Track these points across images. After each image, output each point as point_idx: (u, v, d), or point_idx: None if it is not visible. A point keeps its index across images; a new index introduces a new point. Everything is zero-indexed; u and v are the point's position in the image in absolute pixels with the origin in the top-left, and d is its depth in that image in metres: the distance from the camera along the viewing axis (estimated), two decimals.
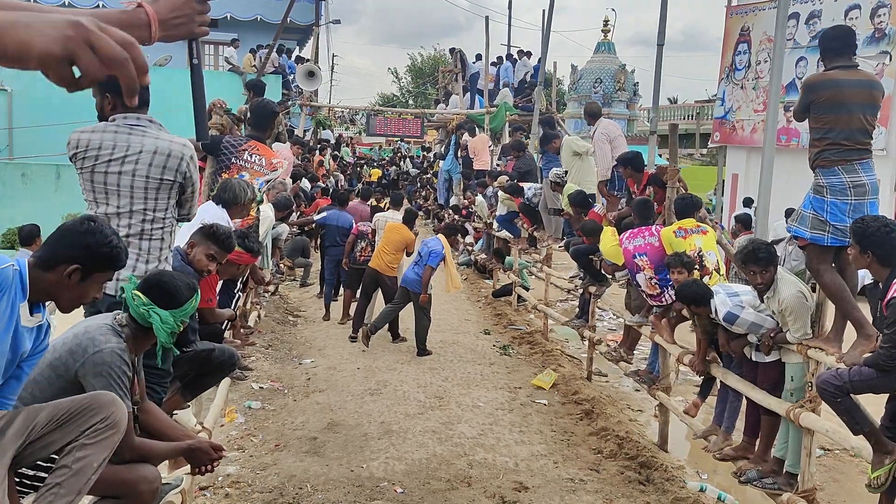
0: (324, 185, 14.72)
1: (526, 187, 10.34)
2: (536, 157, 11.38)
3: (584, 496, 4.79)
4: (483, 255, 13.24)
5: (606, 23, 30.37)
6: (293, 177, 10.95)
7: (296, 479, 4.80)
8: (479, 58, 18.92)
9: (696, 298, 4.85)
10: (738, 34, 17.59)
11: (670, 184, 5.96)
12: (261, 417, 6.05)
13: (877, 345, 3.74)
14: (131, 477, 2.68)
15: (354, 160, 28.40)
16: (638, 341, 7.02)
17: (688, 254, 5.33)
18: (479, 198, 13.14)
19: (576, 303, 9.52)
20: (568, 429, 6.07)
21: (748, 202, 14.14)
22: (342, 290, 9.70)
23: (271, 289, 9.84)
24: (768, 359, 4.58)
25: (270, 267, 8.09)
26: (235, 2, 21.96)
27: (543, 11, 16.19)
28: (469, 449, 5.47)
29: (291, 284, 12.13)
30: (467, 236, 15.08)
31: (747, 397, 4.76)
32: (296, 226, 10.94)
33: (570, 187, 8.49)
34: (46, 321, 2.40)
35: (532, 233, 10.40)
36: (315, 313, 10.19)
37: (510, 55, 21.01)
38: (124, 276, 2.98)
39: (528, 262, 10.92)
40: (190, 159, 3.29)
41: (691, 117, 32.58)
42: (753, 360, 4.70)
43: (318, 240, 11.81)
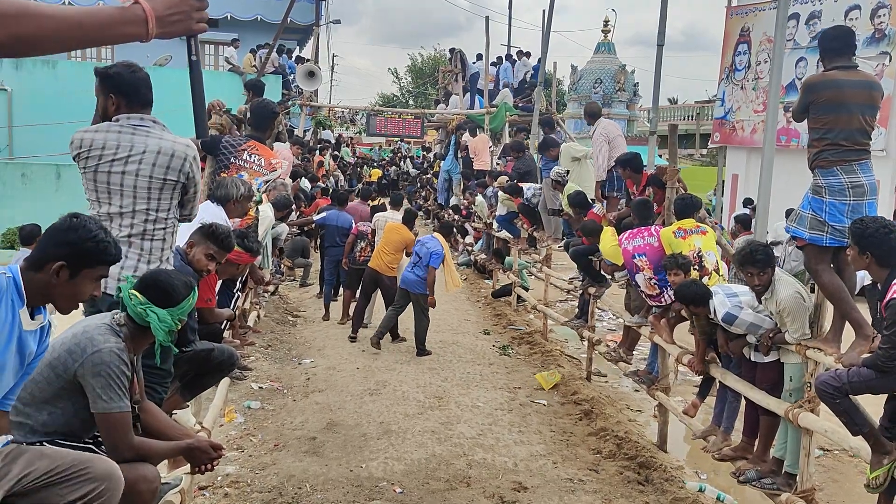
0: (324, 185, 14.72)
1: (525, 188, 10.34)
2: (536, 158, 11.38)
3: (583, 496, 4.79)
4: (483, 256, 13.24)
5: (606, 23, 30.39)
6: (292, 176, 10.96)
7: (295, 479, 4.80)
8: (479, 58, 18.91)
9: (695, 299, 4.85)
10: (738, 34, 17.59)
11: (670, 184, 5.96)
12: (260, 417, 6.05)
13: (875, 345, 3.75)
14: (130, 476, 2.68)
15: (354, 160, 28.42)
16: (637, 342, 7.02)
17: (684, 255, 5.33)
18: (478, 198, 13.13)
19: (575, 303, 9.52)
20: (567, 429, 6.08)
21: (748, 203, 14.14)
22: (342, 291, 9.71)
23: (271, 289, 9.85)
24: (767, 359, 4.58)
25: (270, 267, 8.09)
26: (235, 2, 21.97)
27: (543, 11, 16.21)
28: (468, 449, 5.47)
29: (291, 284, 12.14)
30: (467, 236, 15.09)
31: (746, 397, 4.77)
32: (295, 226, 10.95)
33: (571, 187, 8.49)
34: (48, 321, 2.40)
35: (532, 233, 10.40)
36: (314, 313, 10.20)
37: (509, 55, 21.01)
38: (123, 276, 2.98)
39: (527, 262, 10.93)
40: (193, 160, 3.30)
41: (691, 118, 32.58)
42: (752, 361, 4.70)
43: (318, 240, 11.82)
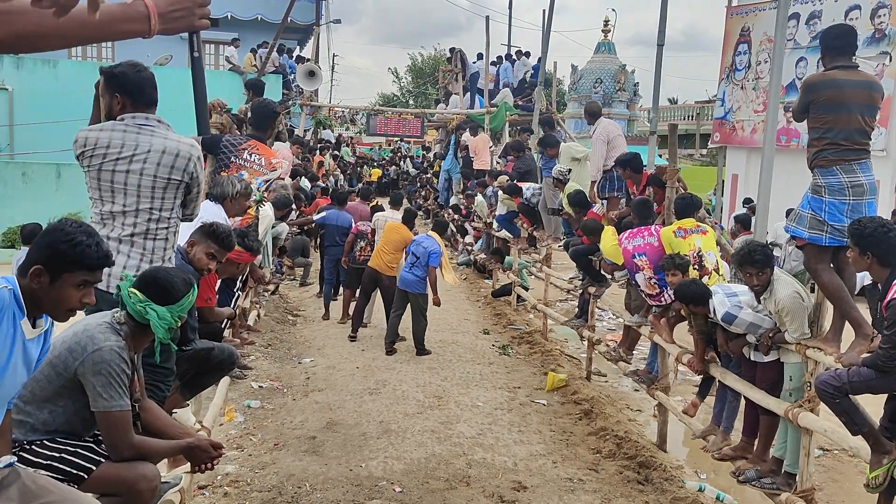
0: (323, 185, 14.72)
1: (525, 187, 10.34)
2: (536, 157, 11.38)
3: (582, 496, 4.79)
4: (483, 255, 13.24)
5: (607, 23, 30.41)
6: (292, 175, 10.96)
7: (294, 478, 4.81)
8: (479, 57, 18.91)
9: (694, 298, 4.86)
10: (738, 34, 17.60)
11: (670, 184, 5.97)
12: (260, 416, 6.05)
13: (875, 345, 3.75)
14: (130, 475, 2.69)
15: (355, 160, 28.42)
16: (637, 341, 7.03)
17: (682, 255, 5.33)
18: (478, 197, 13.13)
19: (575, 303, 9.53)
20: (567, 428, 6.08)
21: (747, 203, 14.13)
22: (342, 290, 9.71)
23: (271, 288, 9.85)
24: (767, 359, 4.59)
25: (270, 266, 8.10)
26: (236, 1, 21.98)
27: (543, 11, 16.22)
28: (468, 448, 5.47)
29: (291, 284, 12.14)
30: (467, 236, 15.09)
31: (746, 397, 4.77)
32: (295, 225, 10.95)
33: (571, 186, 8.49)
34: (49, 322, 2.38)
35: (532, 233, 10.40)
36: (314, 313, 10.20)
37: (509, 55, 21.01)
38: (125, 275, 2.98)
39: (527, 261, 10.93)
40: (197, 160, 3.30)
41: (691, 118, 32.58)
42: (752, 360, 4.71)
43: (318, 239, 11.82)
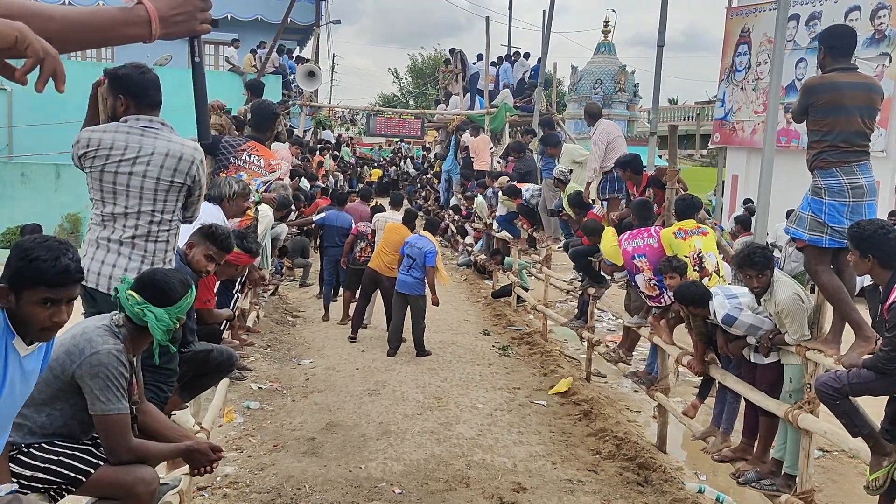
0: (323, 185, 14.71)
1: (524, 189, 10.33)
2: (537, 158, 11.37)
3: (582, 497, 4.79)
4: (483, 256, 13.23)
5: (607, 24, 30.44)
6: (291, 175, 10.95)
7: (294, 480, 4.80)
8: (479, 58, 18.91)
9: (694, 300, 4.85)
10: (738, 35, 17.60)
11: (669, 185, 5.96)
12: (259, 418, 6.05)
13: (875, 346, 3.74)
14: (129, 478, 2.68)
15: (355, 160, 28.40)
16: (637, 342, 7.02)
17: (679, 257, 5.33)
18: (478, 198, 13.13)
19: (575, 304, 9.52)
20: (566, 429, 6.07)
21: (747, 203, 14.12)
22: (342, 291, 9.70)
23: (270, 289, 9.84)
24: (767, 360, 4.58)
25: (269, 267, 8.09)
26: (236, 2, 21.95)
27: (543, 12, 16.22)
28: (467, 449, 5.47)
29: (290, 285, 12.14)
30: (467, 237, 15.09)
31: (746, 398, 4.76)
32: (295, 226, 10.94)
33: (572, 187, 8.48)
34: None
35: (531, 234, 10.40)
36: (314, 314, 10.19)
37: (509, 55, 21.00)
38: (122, 277, 2.98)
39: (527, 262, 10.92)
40: (200, 163, 3.30)
41: (691, 118, 32.57)
42: (752, 362, 4.70)
43: (318, 240, 11.81)
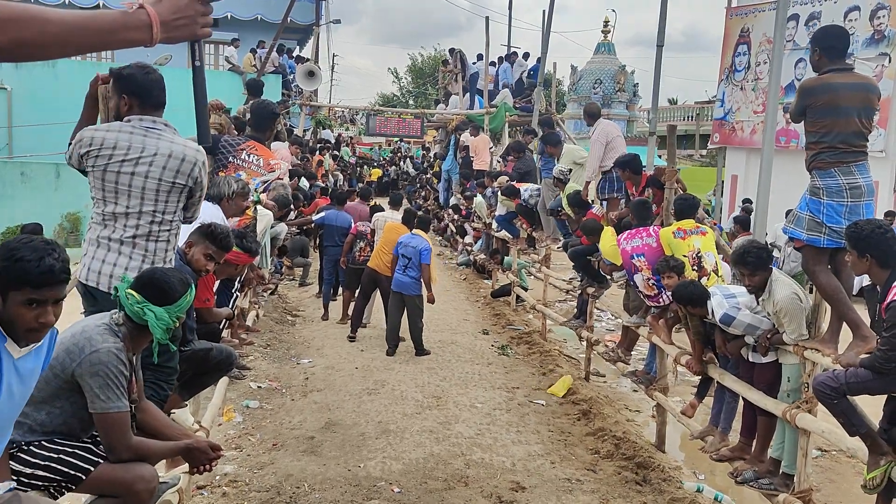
0: (323, 185, 14.72)
1: (522, 189, 10.32)
2: (536, 158, 11.37)
3: (580, 496, 4.80)
4: (482, 256, 13.25)
5: (606, 23, 30.41)
6: (290, 175, 10.94)
7: (293, 479, 4.81)
8: (479, 58, 18.92)
9: (692, 299, 4.86)
10: (737, 35, 17.62)
11: (668, 185, 5.97)
12: (258, 417, 6.05)
13: (873, 346, 3.75)
14: (128, 476, 2.69)
15: (355, 160, 28.41)
16: (636, 342, 7.03)
17: (676, 257, 5.34)
18: (478, 198, 13.13)
19: (574, 303, 9.53)
20: (565, 429, 6.08)
21: (745, 202, 14.13)
22: (341, 290, 9.70)
23: (271, 287, 9.85)
24: (765, 360, 4.59)
25: (269, 266, 8.09)
26: (236, 1, 21.95)
27: (543, 12, 16.23)
28: (466, 449, 5.48)
29: (290, 284, 12.14)
30: (466, 236, 15.10)
31: (744, 398, 4.77)
32: (295, 225, 10.95)
33: (571, 186, 8.49)
34: (54, 329, 2.30)
35: (531, 233, 10.40)
36: (313, 313, 10.20)
37: (508, 56, 21.01)
38: (122, 276, 2.99)
39: (526, 262, 10.93)
40: (202, 165, 3.31)
41: (691, 118, 32.57)
42: (750, 361, 4.71)
43: (317, 239, 11.81)
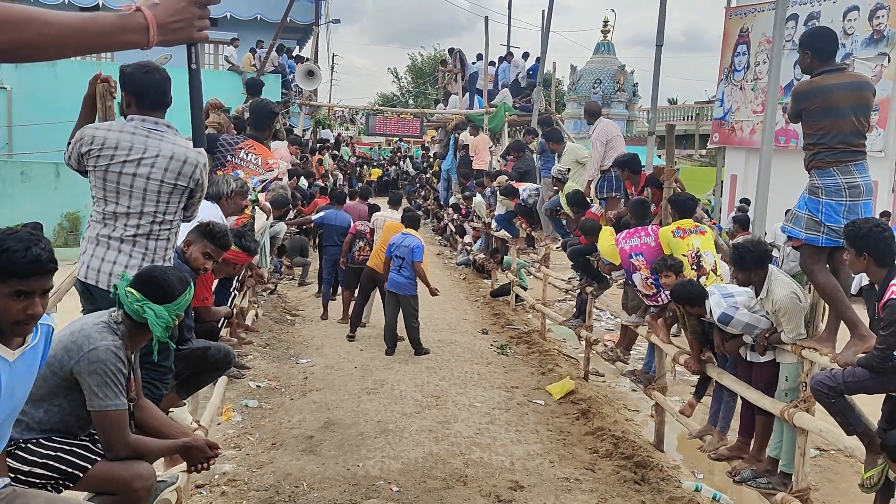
0: (322, 185, 14.72)
1: (521, 188, 10.31)
2: (535, 158, 11.36)
3: (579, 495, 4.80)
4: (481, 255, 13.25)
5: (606, 23, 30.44)
6: (289, 175, 10.94)
7: (292, 478, 4.81)
8: (479, 58, 18.92)
9: (690, 299, 4.86)
10: (737, 35, 17.63)
11: (667, 184, 5.97)
12: (257, 416, 6.06)
13: (871, 345, 3.76)
14: (126, 474, 2.69)
15: (355, 160, 28.41)
16: (635, 341, 7.03)
17: (674, 256, 5.34)
18: (477, 198, 13.13)
19: (573, 303, 9.53)
20: (564, 428, 6.08)
21: (743, 202, 14.14)
22: (340, 290, 9.70)
23: (270, 287, 9.85)
24: (763, 359, 4.59)
25: (268, 266, 8.09)
26: (235, 1, 21.95)
27: (543, 12, 16.22)
28: (465, 448, 5.48)
29: (290, 283, 12.14)
30: (466, 236, 15.10)
31: (742, 397, 4.78)
32: (294, 225, 10.95)
33: (570, 186, 8.49)
34: (49, 326, 2.30)
35: (530, 233, 10.41)
36: (313, 312, 10.20)
37: (505, 55, 21.00)
38: (122, 274, 2.99)
39: (525, 261, 10.93)
40: (203, 167, 3.32)
41: (691, 118, 32.57)
42: (748, 361, 4.72)
43: (317, 239, 11.81)
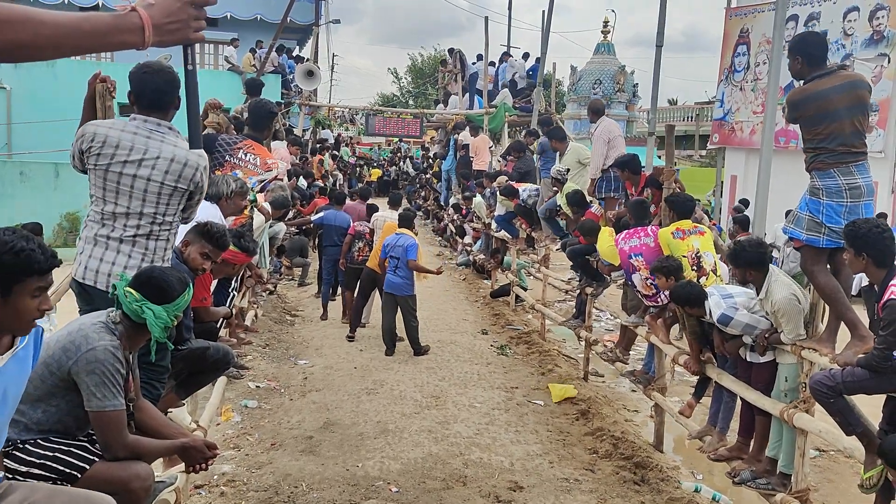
0: (322, 185, 14.72)
1: (521, 189, 10.31)
2: (536, 159, 11.35)
3: (578, 496, 4.80)
4: (481, 256, 13.24)
5: (606, 24, 30.40)
6: (289, 175, 10.94)
7: (291, 478, 4.81)
8: (479, 58, 18.92)
9: (689, 299, 4.86)
10: (737, 36, 17.62)
11: (666, 185, 5.97)
12: (257, 416, 6.05)
13: (871, 345, 3.75)
14: (124, 474, 2.68)
15: (355, 160, 28.42)
16: (634, 342, 7.03)
17: (673, 257, 5.34)
18: (477, 198, 13.13)
19: (573, 303, 9.53)
20: (563, 429, 6.08)
21: (742, 203, 14.12)
22: (340, 290, 9.69)
23: (270, 287, 9.85)
24: (762, 359, 4.59)
25: (267, 266, 8.09)
26: (235, 1, 21.93)
27: (543, 12, 16.22)
28: (465, 448, 5.48)
29: (289, 284, 12.14)
30: (466, 236, 15.10)
31: (742, 398, 4.77)
32: (294, 225, 10.94)
33: (570, 186, 8.48)
34: (39, 327, 2.29)
35: (530, 233, 10.40)
36: (312, 313, 10.20)
37: (502, 56, 20.99)
38: (121, 275, 2.99)
39: (525, 262, 10.93)
40: (204, 170, 3.32)
41: (691, 119, 32.57)
42: (748, 361, 4.71)
43: (317, 239, 11.81)
